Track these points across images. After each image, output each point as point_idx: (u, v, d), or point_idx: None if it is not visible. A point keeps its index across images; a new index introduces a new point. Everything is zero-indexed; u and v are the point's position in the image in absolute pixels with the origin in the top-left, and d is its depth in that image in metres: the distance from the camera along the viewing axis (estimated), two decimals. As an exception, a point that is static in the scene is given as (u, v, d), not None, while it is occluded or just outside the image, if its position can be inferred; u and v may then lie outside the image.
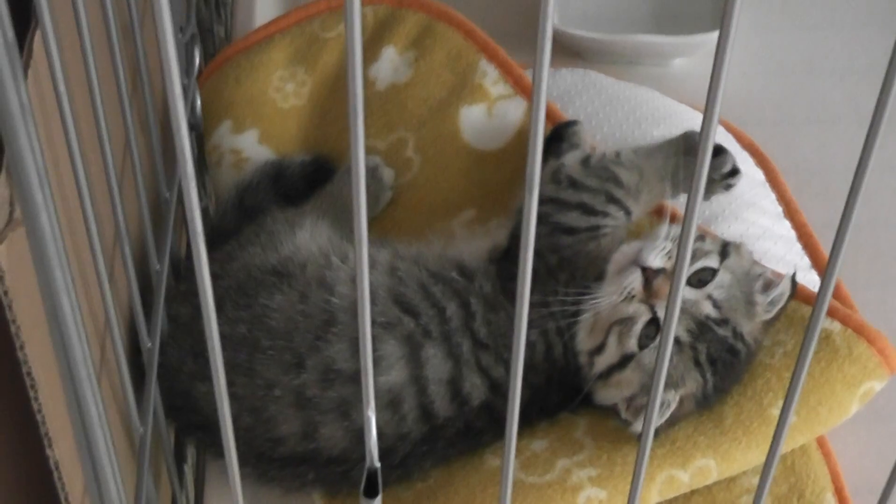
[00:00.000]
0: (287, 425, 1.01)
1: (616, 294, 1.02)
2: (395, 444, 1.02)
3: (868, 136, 0.57)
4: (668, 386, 1.00)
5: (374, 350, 0.93)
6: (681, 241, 0.60)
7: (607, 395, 1.05)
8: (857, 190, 0.59)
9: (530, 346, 1.04)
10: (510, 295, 1.03)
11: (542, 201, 1.06)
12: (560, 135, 1.21)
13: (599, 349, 1.04)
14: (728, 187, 1.20)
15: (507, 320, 1.03)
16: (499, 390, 1.03)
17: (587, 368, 1.05)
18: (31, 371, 0.73)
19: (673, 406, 1.01)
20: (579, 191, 1.12)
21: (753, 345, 1.05)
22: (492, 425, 1.04)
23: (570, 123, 1.23)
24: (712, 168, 1.16)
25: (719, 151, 1.18)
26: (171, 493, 1.07)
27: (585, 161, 1.15)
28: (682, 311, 1.00)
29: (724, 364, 1.03)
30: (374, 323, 1.01)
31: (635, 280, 1.02)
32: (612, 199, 1.11)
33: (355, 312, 0.99)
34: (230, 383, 0.94)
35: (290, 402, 1.01)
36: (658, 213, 1.18)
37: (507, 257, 1.10)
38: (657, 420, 1.00)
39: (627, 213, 1.13)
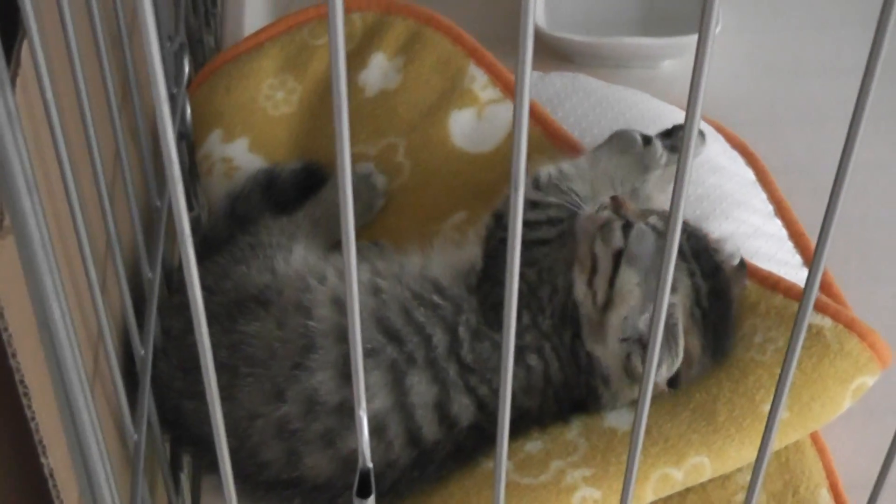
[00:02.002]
0: (270, 452, 1.01)
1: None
2: (384, 471, 1.01)
3: (850, 129, 0.58)
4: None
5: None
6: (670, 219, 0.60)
7: (614, 327, 1.04)
8: (841, 182, 0.59)
9: (528, 369, 1.04)
10: (493, 323, 1.03)
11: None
12: None
13: (594, 268, 1.04)
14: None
15: (492, 349, 1.03)
16: (487, 409, 1.03)
17: (591, 308, 1.05)
18: (23, 379, 0.73)
19: (681, 333, 1.01)
20: (543, 209, 1.13)
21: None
22: (482, 443, 1.03)
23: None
24: (651, 157, 1.18)
25: (647, 141, 1.20)
26: (168, 501, 1.07)
27: (536, 183, 1.16)
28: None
29: (715, 288, 1.05)
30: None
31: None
32: (575, 207, 1.12)
33: (336, 336, 1.00)
34: None
35: (273, 433, 1.00)
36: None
37: (485, 279, 1.09)
38: (673, 363, 1.01)
39: None
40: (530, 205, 1.13)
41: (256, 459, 1.01)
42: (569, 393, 1.06)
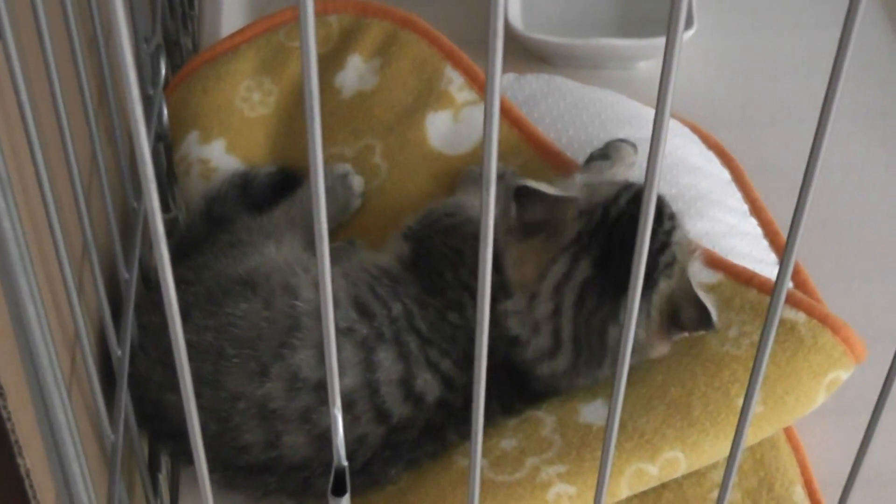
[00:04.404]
0: (251, 435, 1.02)
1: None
2: (355, 448, 1.02)
3: (818, 128, 0.58)
4: None
5: None
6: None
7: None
8: (811, 176, 0.60)
9: (453, 327, 1.07)
10: (430, 290, 1.08)
11: (426, 225, 1.15)
12: None
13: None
14: None
15: (437, 316, 1.07)
16: (451, 384, 1.05)
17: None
18: (-1, 379, 0.73)
19: None
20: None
21: None
22: (451, 421, 1.05)
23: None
24: None
25: None
26: (146, 501, 1.08)
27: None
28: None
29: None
30: (336, 328, 1.02)
31: None
32: None
33: (320, 316, 1.02)
34: (196, 395, 0.95)
35: (255, 413, 1.02)
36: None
37: (414, 255, 1.13)
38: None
39: None
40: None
41: (237, 442, 1.03)
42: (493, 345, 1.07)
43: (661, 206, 1.08)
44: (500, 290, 1.06)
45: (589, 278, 1.05)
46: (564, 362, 1.07)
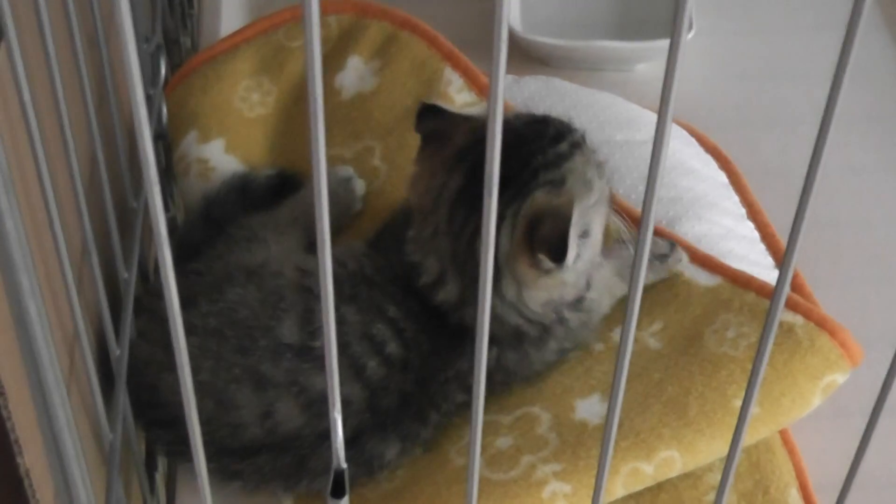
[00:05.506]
0: (247, 409, 1.04)
1: None
2: (343, 417, 1.02)
3: (819, 132, 0.59)
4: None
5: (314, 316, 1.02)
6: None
7: None
8: (811, 182, 0.60)
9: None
10: (377, 246, 1.14)
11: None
12: None
13: None
14: None
15: (383, 262, 1.10)
16: (401, 331, 1.06)
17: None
18: (-1, 377, 0.73)
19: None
20: None
21: None
22: (421, 390, 1.06)
23: None
24: None
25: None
26: (143, 500, 1.08)
27: None
28: None
29: None
30: (311, 293, 1.06)
31: None
32: None
33: (298, 287, 1.06)
34: (197, 369, 0.96)
35: (248, 381, 1.04)
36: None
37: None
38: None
39: None
40: None
41: (233, 419, 1.04)
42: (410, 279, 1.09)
43: (564, 130, 1.07)
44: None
45: (460, 188, 1.04)
46: (454, 289, 1.06)
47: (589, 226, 1.05)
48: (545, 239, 1.00)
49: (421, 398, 1.07)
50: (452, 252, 1.05)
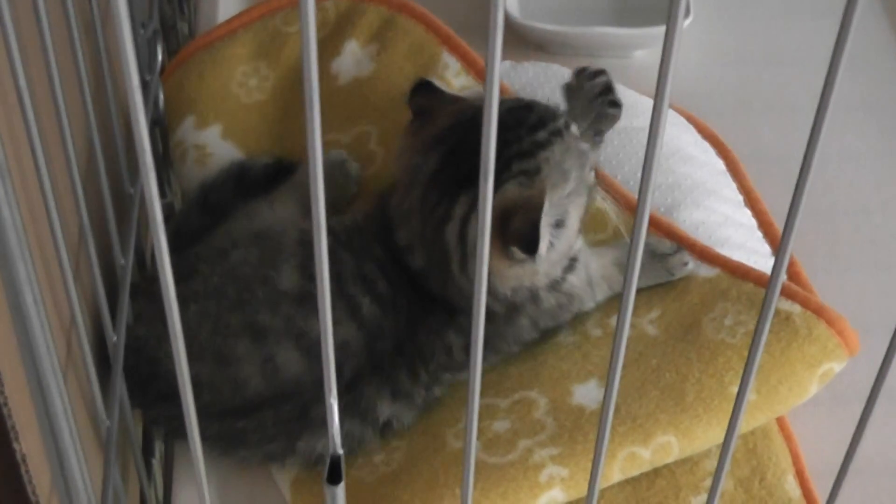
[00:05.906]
0: (247, 360, 1.04)
1: None
2: (341, 361, 1.00)
3: (816, 118, 0.59)
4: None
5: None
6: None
7: None
8: (807, 168, 0.60)
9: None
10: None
11: None
12: None
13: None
14: (610, 117, 1.21)
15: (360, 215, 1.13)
16: (387, 274, 1.07)
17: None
18: (-5, 364, 0.73)
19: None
20: None
21: None
22: (409, 334, 1.07)
23: None
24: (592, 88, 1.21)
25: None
26: (140, 486, 1.08)
27: None
28: None
29: None
30: (310, 246, 1.07)
31: None
32: None
33: (298, 240, 1.08)
34: (196, 333, 0.98)
35: (247, 333, 1.05)
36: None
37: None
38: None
39: None
40: None
41: (235, 373, 1.05)
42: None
43: (547, 117, 1.06)
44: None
45: (434, 171, 1.05)
46: (420, 262, 1.07)
47: (564, 215, 1.04)
48: (516, 231, 1.00)
49: (412, 349, 1.07)
50: (421, 232, 1.06)
